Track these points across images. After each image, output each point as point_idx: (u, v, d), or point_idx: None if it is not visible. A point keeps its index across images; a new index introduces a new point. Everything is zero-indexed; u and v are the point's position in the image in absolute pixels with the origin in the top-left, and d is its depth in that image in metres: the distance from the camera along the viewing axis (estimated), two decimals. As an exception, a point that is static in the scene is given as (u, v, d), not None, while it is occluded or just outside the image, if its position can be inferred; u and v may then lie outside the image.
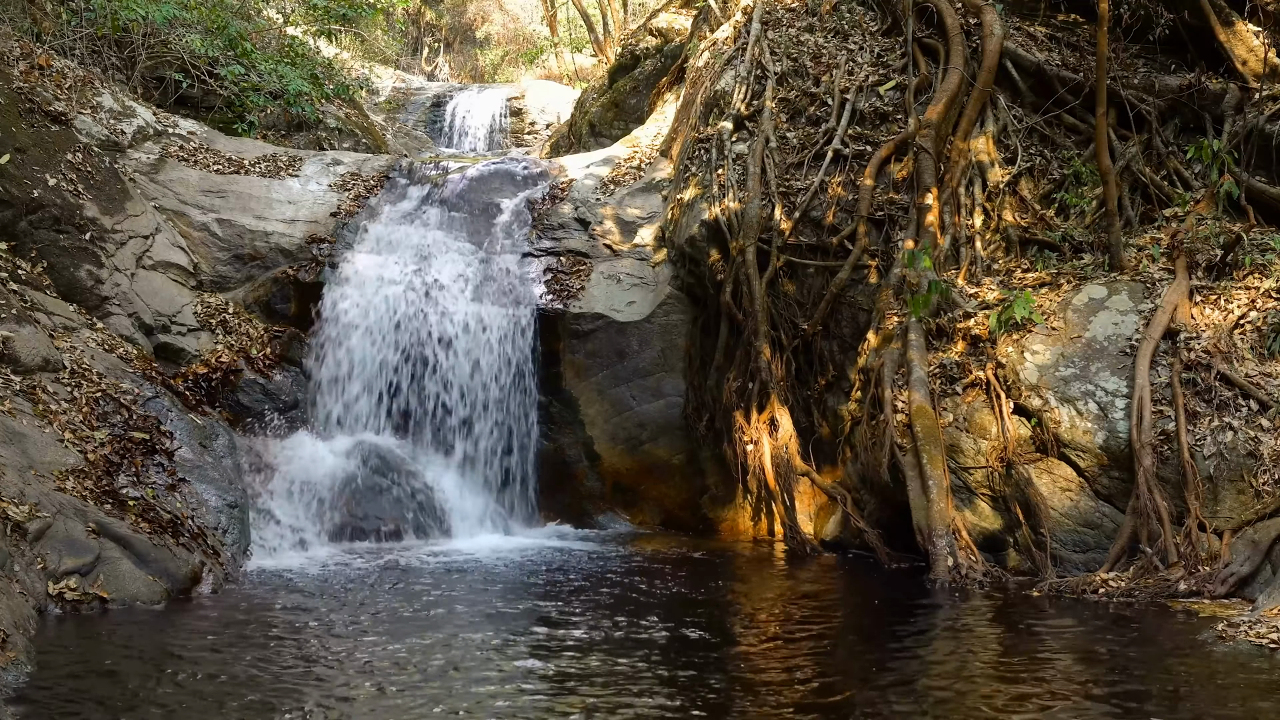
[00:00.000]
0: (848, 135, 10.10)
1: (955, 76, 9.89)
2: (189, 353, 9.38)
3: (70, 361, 7.83)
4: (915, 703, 4.83)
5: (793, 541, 8.84)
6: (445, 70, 32.09)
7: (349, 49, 23.16)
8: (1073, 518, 7.37)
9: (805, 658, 5.63)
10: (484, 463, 9.84)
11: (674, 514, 10.08)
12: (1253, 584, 6.44)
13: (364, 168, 11.68)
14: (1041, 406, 7.59)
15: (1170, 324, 7.72)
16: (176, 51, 13.04)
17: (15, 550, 5.84)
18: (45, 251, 8.82)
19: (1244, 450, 7.00)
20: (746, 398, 9.34)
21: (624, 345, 10.07)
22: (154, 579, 6.51)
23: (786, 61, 10.88)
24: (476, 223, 11.00)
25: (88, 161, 9.47)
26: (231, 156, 11.30)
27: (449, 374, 9.91)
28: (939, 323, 8.47)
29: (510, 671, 5.29)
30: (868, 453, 8.28)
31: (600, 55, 24.53)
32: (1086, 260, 8.83)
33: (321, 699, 4.80)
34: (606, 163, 11.99)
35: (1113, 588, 6.70)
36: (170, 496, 7.28)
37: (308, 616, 6.40)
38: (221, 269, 10.22)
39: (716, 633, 6.19)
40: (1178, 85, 9.76)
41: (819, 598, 7.32)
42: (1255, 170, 9.13)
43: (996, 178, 9.55)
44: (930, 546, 7.35)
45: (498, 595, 7.15)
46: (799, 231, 9.60)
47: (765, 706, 4.78)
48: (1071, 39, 10.72)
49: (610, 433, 10.05)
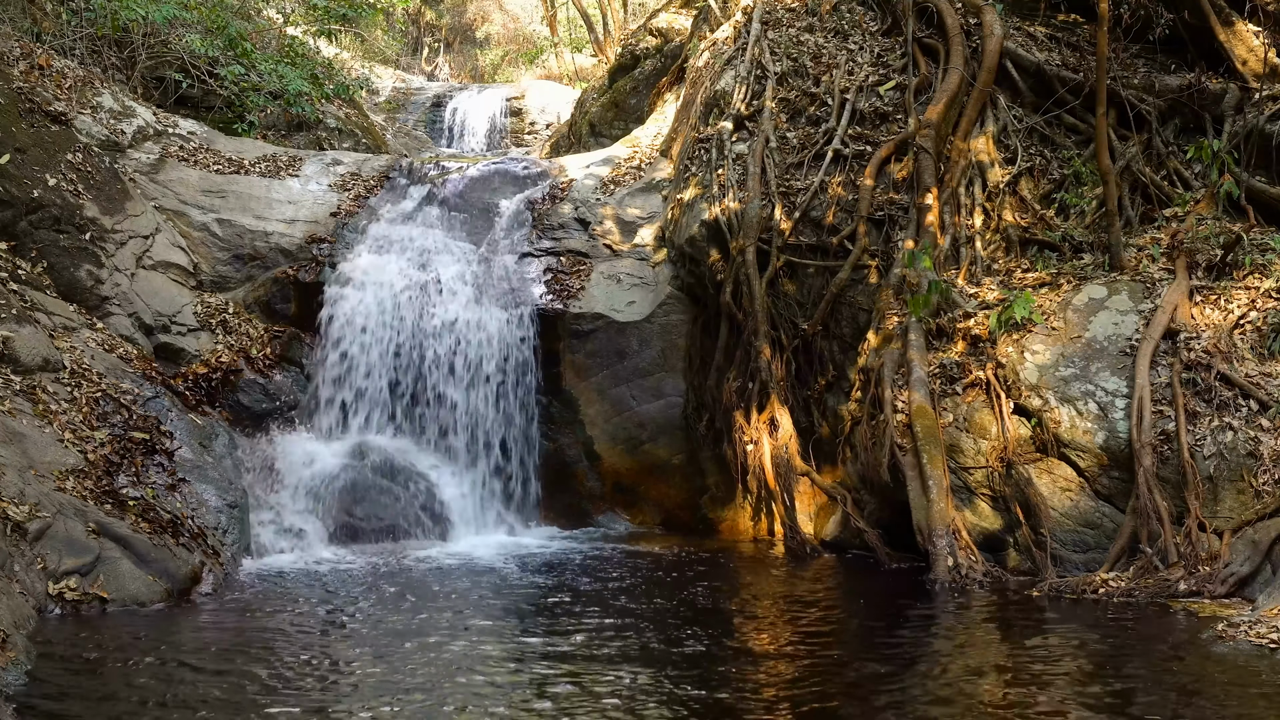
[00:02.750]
0: (848, 135, 10.10)
1: (955, 76, 9.89)
2: (189, 353, 9.38)
3: (70, 361, 7.84)
4: (915, 703, 4.83)
5: (793, 541, 8.84)
6: (445, 70, 32.09)
7: (349, 49, 23.18)
8: (1073, 518, 7.37)
9: (805, 658, 5.63)
10: (484, 463, 9.84)
11: (674, 514, 10.08)
12: (1253, 584, 6.44)
13: (364, 168, 11.68)
14: (1041, 406, 7.59)
15: (1170, 324, 7.72)
16: (176, 51, 13.05)
17: (15, 550, 5.84)
18: (45, 251, 8.83)
19: (1244, 450, 7.00)
20: (746, 398, 9.34)
21: (624, 345, 10.07)
22: (154, 579, 6.51)
23: (786, 61, 10.89)
24: (476, 223, 11.00)
25: (88, 161, 9.48)
26: (231, 156, 11.30)
27: (449, 374, 9.91)
28: (939, 323, 8.47)
29: (510, 672, 5.29)
30: (868, 453, 8.28)
31: (600, 55, 24.53)
32: (1086, 260, 8.83)
33: (321, 699, 4.80)
34: (606, 163, 11.99)
35: (1113, 588, 6.70)
36: (170, 496, 7.28)
37: (307, 616, 6.40)
38: (221, 269, 10.22)
39: (716, 633, 6.19)
40: (1178, 85, 9.76)
41: (819, 598, 7.32)
42: (1255, 170, 9.13)
43: (996, 178, 9.55)
44: (930, 546, 7.36)
45: (497, 596, 7.15)
46: (799, 231, 9.61)
47: (765, 706, 4.78)
48: (1071, 39, 10.72)
49: (610, 433, 10.05)
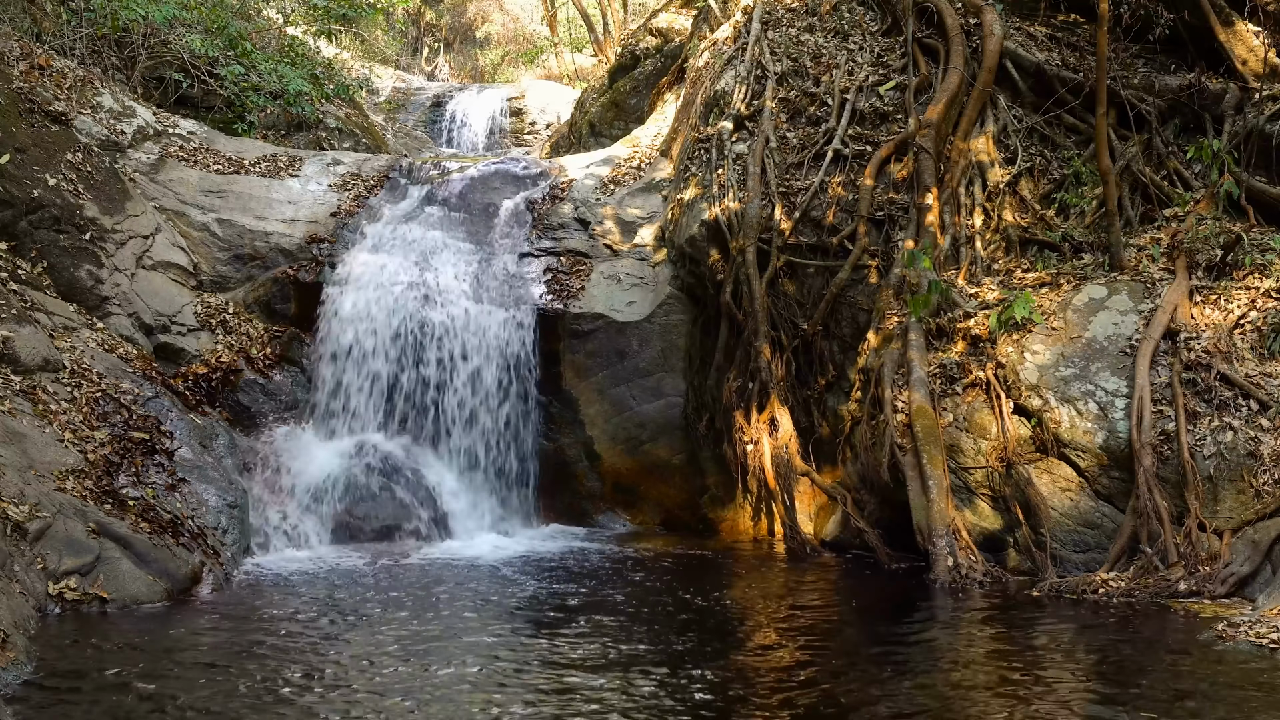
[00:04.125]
0: (848, 135, 10.10)
1: (955, 76, 9.89)
2: (189, 353, 9.38)
3: (70, 361, 7.84)
4: (915, 703, 4.83)
5: (793, 541, 8.84)
6: (445, 70, 32.08)
7: (349, 49, 23.17)
8: (1073, 518, 7.37)
9: (805, 658, 5.63)
10: (484, 463, 9.84)
11: (674, 514, 10.08)
12: (1253, 584, 6.44)
13: (364, 168, 11.68)
14: (1041, 406, 7.59)
15: (1170, 324, 7.72)
16: (176, 51, 13.05)
17: (15, 550, 5.84)
18: (45, 251, 8.83)
19: (1244, 450, 7.00)
20: (746, 398, 9.34)
21: (624, 345, 10.07)
22: (154, 579, 6.51)
23: (786, 61, 10.89)
24: (476, 223, 11.00)
25: (88, 161, 9.48)
26: (231, 156, 11.30)
27: (449, 374, 9.90)
28: (939, 323, 8.47)
29: (509, 673, 5.29)
30: (868, 453, 8.28)
31: (600, 55, 24.52)
32: (1086, 260, 8.83)
33: (320, 699, 4.80)
34: (606, 163, 11.99)
35: (1113, 588, 6.70)
36: (170, 496, 7.28)
37: (307, 617, 6.40)
38: (221, 269, 10.22)
39: (716, 633, 6.19)
40: (1178, 85, 9.76)
41: (819, 598, 7.31)
42: (1255, 170, 9.13)
43: (996, 178, 9.55)
44: (930, 546, 7.36)
45: (497, 596, 7.15)
46: (799, 231, 9.61)
47: (765, 706, 4.78)
48: (1071, 39, 10.72)
49: (610, 433, 10.05)
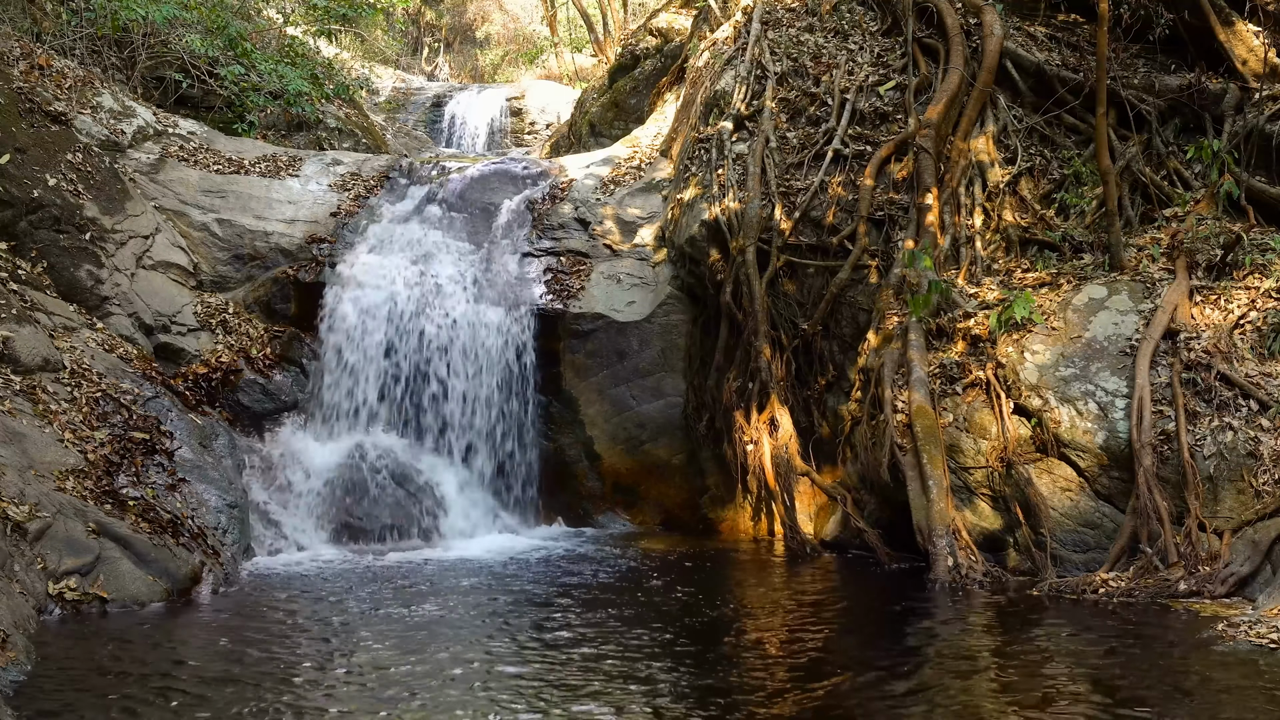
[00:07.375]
0: (848, 135, 10.10)
1: (955, 76, 9.89)
2: (189, 353, 9.38)
3: (70, 361, 7.84)
4: (915, 703, 4.83)
5: (793, 541, 8.84)
6: (445, 70, 32.08)
7: (349, 49, 23.17)
8: (1073, 518, 7.37)
9: (805, 658, 5.63)
10: (484, 463, 9.84)
11: (674, 514, 10.08)
12: (1253, 584, 6.44)
13: (364, 168, 11.68)
14: (1041, 406, 7.59)
15: (1170, 324, 7.72)
16: (176, 51, 13.05)
17: (15, 550, 5.84)
18: (45, 251, 8.83)
19: (1244, 450, 6.99)
20: (746, 398, 9.34)
21: (624, 345, 10.07)
22: (154, 579, 6.51)
23: (786, 61, 10.89)
24: (476, 223, 10.99)
25: (88, 161, 9.48)
26: (231, 156, 11.30)
27: (449, 374, 9.90)
28: (939, 323, 8.47)
29: (509, 673, 5.29)
30: (868, 453, 8.28)
31: (600, 55, 24.53)
32: (1086, 260, 8.83)
33: (320, 699, 4.80)
34: (606, 163, 11.99)
35: (1113, 588, 6.69)
36: (170, 496, 7.28)
37: (307, 617, 6.40)
38: (221, 269, 10.22)
39: (716, 633, 6.19)
40: (1178, 85, 9.76)
41: (819, 598, 7.31)
42: (1255, 170, 9.12)
43: (996, 178, 9.55)
44: (930, 546, 7.35)
45: (497, 596, 7.14)
46: (799, 231, 9.61)
47: (765, 706, 4.78)
48: (1071, 39, 10.72)
49: (610, 433, 10.05)
